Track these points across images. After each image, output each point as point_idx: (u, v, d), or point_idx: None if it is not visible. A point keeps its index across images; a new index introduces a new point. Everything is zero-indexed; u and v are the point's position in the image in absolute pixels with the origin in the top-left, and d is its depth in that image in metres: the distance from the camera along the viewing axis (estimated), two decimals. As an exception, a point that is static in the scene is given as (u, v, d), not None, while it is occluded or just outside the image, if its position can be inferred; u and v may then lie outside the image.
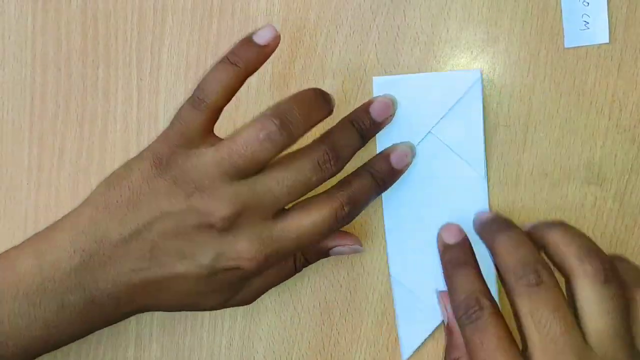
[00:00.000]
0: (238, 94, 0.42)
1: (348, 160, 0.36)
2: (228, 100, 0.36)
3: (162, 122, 0.43)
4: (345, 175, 0.37)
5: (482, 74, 0.39)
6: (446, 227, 0.38)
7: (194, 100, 0.35)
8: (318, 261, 0.41)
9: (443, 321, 0.40)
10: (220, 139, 0.35)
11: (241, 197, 0.34)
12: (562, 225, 0.34)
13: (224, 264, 0.35)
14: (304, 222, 0.35)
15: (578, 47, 0.39)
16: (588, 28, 0.38)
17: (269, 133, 0.33)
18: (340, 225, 0.36)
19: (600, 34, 0.38)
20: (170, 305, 0.37)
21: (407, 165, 0.39)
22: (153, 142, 0.36)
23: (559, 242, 0.33)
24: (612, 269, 0.32)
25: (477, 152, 0.39)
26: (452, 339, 0.37)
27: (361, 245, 0.40)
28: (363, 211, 0.37)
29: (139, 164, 0.35)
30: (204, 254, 0.34)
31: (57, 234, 0.35)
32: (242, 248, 0.34)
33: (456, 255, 0.36)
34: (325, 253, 0.39)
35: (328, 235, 0.36)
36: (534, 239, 0.34)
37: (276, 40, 0.35)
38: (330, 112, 0.36)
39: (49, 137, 0.44)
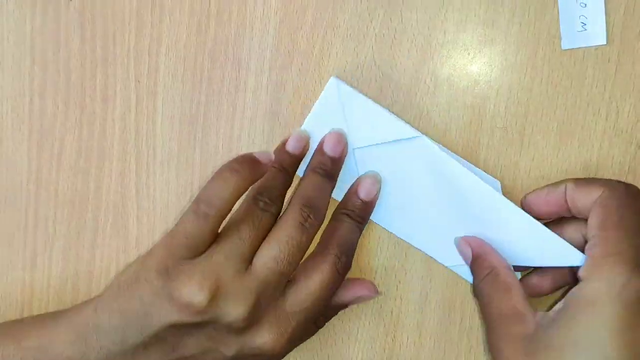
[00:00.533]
0: (235, 96, 0.42)
1: (326, 207, 0.37)
2: (231, 207, 0.36)
3: (160, 124, 0.43)
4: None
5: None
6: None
7: (199, 213, 0.35)
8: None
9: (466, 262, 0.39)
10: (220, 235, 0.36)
11: (253, 290, 0.35)
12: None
13: (250, 352, 0.36)
14: (311, 288, 0.36)
15: (575, 48, 0.39)
16: (585, 30, 0.38)
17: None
18: (343, 276, 0.37)
19: (597, 35, 0.38)
20: None
21: (377, 193, 0.40)
22: (155, 249, 0.36)
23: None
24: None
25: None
26: (480, 263, 0.37)
27: (377, 291, 0.40)
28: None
29: (146, 274, 0.35)
30: (228, 349, 0.35)
31: (83, 329, 0.36)
32: (264, 339, 0.35)
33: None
34: (343, 307, 0.40)
35: (337, 288, 0.37)
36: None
37: (269, 166, 0.37)
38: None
39: (47, 138, 0.44)
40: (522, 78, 0.39)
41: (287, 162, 0.39)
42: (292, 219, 0.36)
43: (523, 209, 0.37)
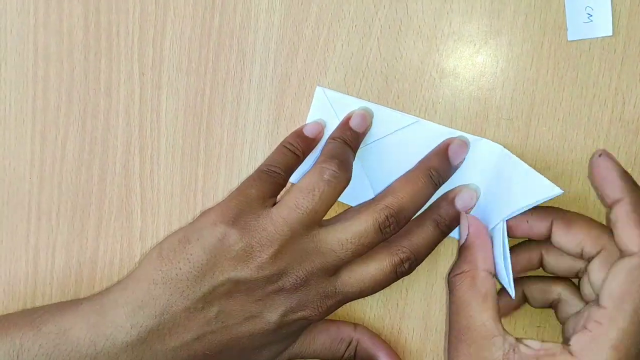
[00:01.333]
0: (239, 88, 0.42)
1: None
2: (287, 180, 0.37)
3: (164, 116, 0.43)
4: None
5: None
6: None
7: (266, 171, 0.36)
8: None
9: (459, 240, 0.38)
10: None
11: (309, 257, 0.35)
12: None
13: (291, 317, 0.35)
14: (365, 278, 0.36)
15: (581, 40, 0.39)
16: (591, 21, 0.38)
17: (332, 173, 0.35)
18: (398, 279, 0.37)
19: (603, 26, 0.38)
20: None
21: (472, 207, 0.38)
22: (206, 212, 0.35)
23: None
24: None
25: None
26: (466, 255, 0.36)
27: None
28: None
29: (199, 233, 0.34)
30: (273, 312, 0.35)
31: (110, 308, 0.35)
32: (310, 303, 0.35)
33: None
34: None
35: (385, 287, 0.37)
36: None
37: (322, 134, 0.39)
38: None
39: (51, 130, 0.44)
40: (528, 69, 0.39)
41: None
42: (376, 218, 0.35)
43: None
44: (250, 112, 0.42)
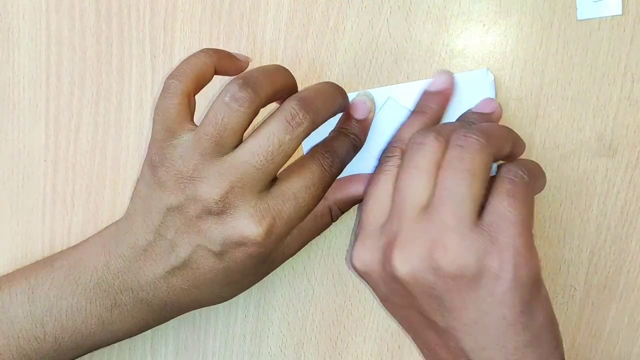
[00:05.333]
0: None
1: (323, 116, 0.35)
2: (199, 86, 0.36)
3: (176, 99, 0.43)
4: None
5: (491, 74, 0.40)
6: (441, 74, 0.39)
7: (166, 86, 0.36)
8: (331, 233, 0.42)
9: None
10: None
11: (225, 176, 0.34)
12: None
13: (232, 245, 0.35)
14: (293, 181, 0.35)
15: (591, 19, 0.39)
16: (601, 0, 0.38)
17: (232, 93, 0.34)
18: (330, 175, 0.36)
19: (613, 5, 0.38)
20: (209, 300, 0.38)
21: (370, 112, 0.39)
22: (148, 148, 0.37)
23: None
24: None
25: None
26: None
27: None
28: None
29: (142, 173, 0.37)
30: (212, 242, 0.35)
31: (105, 239, 0.38)
32: (243, 226, 0.34)
33: (426, 103, 0.39)
34: (359, 199, 0.40)
35: (325, 188, 0.36)
36: None
37: (247, 64, 0.38)
38: (291, 85, 0.37)
39: (65, 114, 0.45)
40: (537, 49, 0.40)
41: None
42: (281, 114, 0.34)
43: None
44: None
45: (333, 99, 0.37)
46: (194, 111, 0.37)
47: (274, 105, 0.37)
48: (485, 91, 0.39)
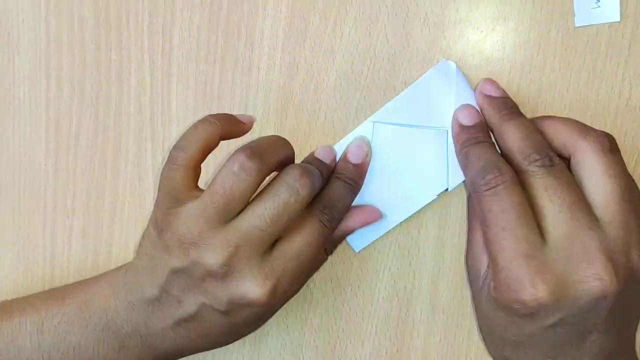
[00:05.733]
0: (248, 76, 0.42)
1: (324, 176, 0.37)
2: (205, 156, 0.37)
3: (175, 105, 0.44)
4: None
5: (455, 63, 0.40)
6: (463, 108, 0.38)
7: (173, 157, 0.36)
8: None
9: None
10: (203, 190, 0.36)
11: (231, 240, 0.35)
12: (557, 116, 0.37)
13: (238, 306, 0.36)
14: (295, 240, 0.36)
15: (589, 25, 0.39)
16: (599, 6, 0.38)
17: (241, 163, 0.35)
18: (329, 229, 0.37)
19: (611, 12, 0.38)
20: (216, 346, 0.39)
21: (366, 156, 0.40)
22: (153, 210, 0.38)
23: (559, 125, 0.35)
24: (613, 139, 0.34)
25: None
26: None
27: (381, 215, 0.41)
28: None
29: (147, 233, 0.38)
30: (218, 303, 0.36)
31: (116, 284, 0.39)
32: (247, 289, 0.35)
33: (474, 135, 0.37)
34: (350, 233, 0.41)
35: (325, 242, 0.38)
36: None
37: (251, 125, 0.39)
38: (292, 155, 0.38)
39: (65, 119, 0.45)
40: (535, 56, 0.39)
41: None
42: (285, 178, 0.36)
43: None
44: (259, 99, 0.43)
45: (329, 163, 0.39)
46: (199, 177, 0.38)
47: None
48: (453, 81, 0.39)
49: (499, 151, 0.37)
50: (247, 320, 0.37)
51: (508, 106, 0.37)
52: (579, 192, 0.34)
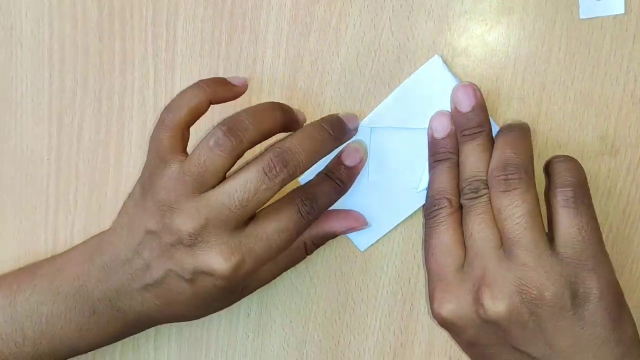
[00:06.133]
0: (252, 69, 0.42)
1: (302, 170, 0.36)
2: (193, 120, 0.38)
3: (179, 98, 0.43)
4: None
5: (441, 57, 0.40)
6: (436, 117, 0.39)
7: (160, 121, 0.37)
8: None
9: None
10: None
11: (202, 212, 0.35)
12: (503, 133, 0.38)
13: (201, 276, 0.36)
14: (269, 223, 0.36)
15: (593, 18, 0.39)
16: (604, -1, 0.38)
17: (217, 139, 0.35)
18: (307, 222, 0.37)
19: (615, 4, 0.38)
20: (183, 317, 0.40)
21: (361, 160, 0.40)
22: (142, 171, 0.39)
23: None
24: (517, 177, 0.36)
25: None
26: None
27: (366, 223, 0.41)
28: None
29: (133, 191, 0.39)
30: (182, 270, 0.36)
31: (91, 249, 0.40)
32: (212, 259, 0.36)
33: (441, 150, 0.39)
34: (332, 237, 0.41)
35: (299, 232, 0.37)
36: None
37: (244, 88, 0.39)
38: (290, 123, 0.38)
39: (67, 113, 0.45)
40: (540, 48, 0.40)
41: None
42: (259, 164, 0.36)
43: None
44: (263, 92, 0.43)
45: (320, 149, 0.37)
46: (187, 142, 0.38)
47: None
48: (442, 76, 0.39)
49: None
50: (209, 292, 0.37)
51: (469, 125, 0.38)
52: (492, 221, 0.36)
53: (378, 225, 0.42)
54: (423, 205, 0.40)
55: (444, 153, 0.39)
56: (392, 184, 0.41)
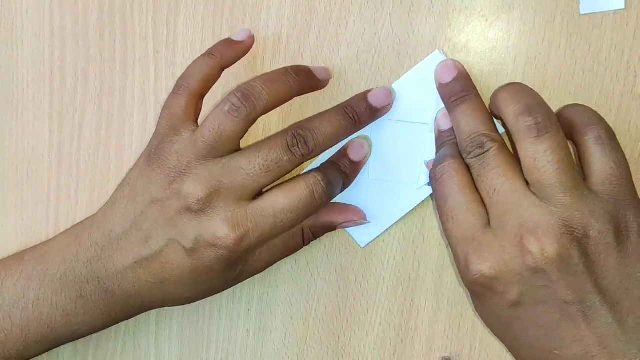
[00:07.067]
0: (253, 65, 0.42)
1: (326, 144, 0.37)
2: (207, 88, 0.38)
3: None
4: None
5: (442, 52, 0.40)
6: (443, 64, 0.39)
7: (175, 88, 0.38)
8: (334, 228, 0.42)
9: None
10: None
11: (215, 176, 0.36)
12: (509, 85, 0.36)
13: (203, 245, 0.36)
14: (279, 200, 0.36)
15: (593, 13, 0.39)
16: (604, -6, 0.38)
17: (231, 104, 0.36)
18: (317, 205, 0.37)
19: (616, 0, 0.38)
20: (174, 299, 0.39)
21: (365, 156, 0.40)
22: (150, 139, 0.39)
23: (501, 104, 0.36)
24: (546, 122, 0.34)
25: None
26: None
27: (365, 218, 0.41)
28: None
29: (138, 161, 0.39)
30: (185, 238, 0.36)
31: (82, 230, 0.39)
32: (217, 227, 0.35)
33: (455, 91, 0.38)
34: (331, 228, 0.41)
35: (306, 215, 0.37)
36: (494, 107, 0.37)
37: (251, 40, 0.40)
38: (310, 86, 0.38)
39: (68, 109, 0.45)
40: (540, 43, 0.40)
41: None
42: (283, 137, 0.36)
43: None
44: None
45: (341, 134, 0.38)
46: (199, 113, 0.38)
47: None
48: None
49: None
50: (208, 266, 0.36)
51: (456, 91, 0.38)
52: (510, 171, 0.35)
53: (378, 221, 0.42)
54: (428, 183, 0.40)
55: (461, 92, 0.38)
56: (392, 179, 0.41)
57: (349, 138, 0.39)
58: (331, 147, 0.38)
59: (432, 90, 0.39)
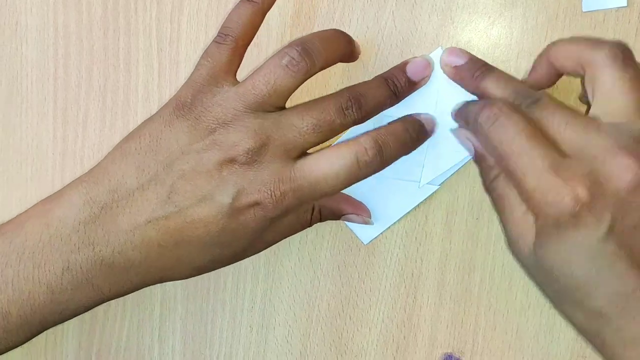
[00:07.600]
0: (256, 63, 0.43)
1: (372, 113, 0.36)
2: (251, 36, 0.36)
3: (183, 92, 0.44)
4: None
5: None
6: (449, 50, 0.37)
7: (219, 37, 0.35)
8: (337, 224, 0.42)
9: (470, 154, 0.37)
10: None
11: (265, 129, 0.33)
12: (563, 39, 0.35)
13: (244, 201, 0.33)
14: (323, 164, 0.34)
15: (596, 11, 0.39)
16: (606, -9, 0.38)
17: (291, 59, 0.34)
18: (363, 173, 0.35)
19: (618, -3, 0.38)
20: (180, 269, 0.35)
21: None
22: (180, 89, 0.35)
23: (568, 47, 0.34)
24: (626, 50, 0.32)
25: None
26: (485, 163, 0.35)
27: (370, 217, 0.41)
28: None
29: (161, 112, 0.35)
30: (224, 193, 0.33)
31: (67, 189, 0.34)
32: (263, 186, 0.33)
33: (477, 66, 0.36)
34: (338, 215, 0.40)
35: (349, 184, 0.35)
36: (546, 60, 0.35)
37: None
38: (351, 53, 0.36)
39: (72, 107, 0.45)
40: (543, 41, 0.40)
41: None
42: (337, 99, 0.34)
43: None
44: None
45: (384, 105, 0.36)
46: (239, 68, 0.36)
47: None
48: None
49: None
50: (242, 223, 0.33)
51: (477, 66, 0.36)
52: (570, 108, 0.33)
53: (381, 218, 0.42)
54: (431, 182, 0.39)
55: (478, 70, 0.36)
56: (395, 177, 0.41)
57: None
58: (371, 117, 0.36)
59: (435, 87, 0.40)
